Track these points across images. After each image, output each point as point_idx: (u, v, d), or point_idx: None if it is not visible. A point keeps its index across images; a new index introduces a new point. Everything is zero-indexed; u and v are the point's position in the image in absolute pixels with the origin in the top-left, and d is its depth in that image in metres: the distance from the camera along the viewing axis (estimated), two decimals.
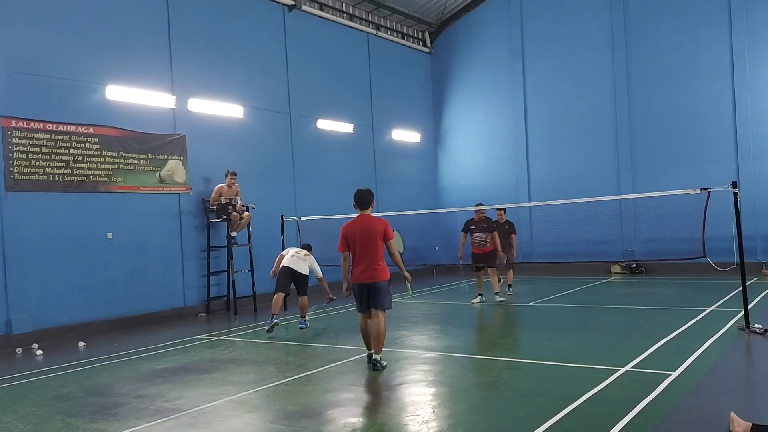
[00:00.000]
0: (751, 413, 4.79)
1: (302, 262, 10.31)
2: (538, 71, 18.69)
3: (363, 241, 7.07)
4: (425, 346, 8.44)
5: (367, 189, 7.41)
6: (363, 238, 7.08)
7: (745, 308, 8.41)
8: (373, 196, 7.39)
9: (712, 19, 16.09)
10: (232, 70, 14.09)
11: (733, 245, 8.64)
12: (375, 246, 7.07)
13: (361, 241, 7.08)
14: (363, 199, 7.29)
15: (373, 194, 7.40)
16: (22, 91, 10.39)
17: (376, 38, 18.52)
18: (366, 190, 7.36)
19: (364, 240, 7.07)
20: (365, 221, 7.20)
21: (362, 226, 7.16)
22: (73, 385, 7.18)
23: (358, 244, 7.11)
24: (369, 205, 7.29)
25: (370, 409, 5.86)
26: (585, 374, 6.46)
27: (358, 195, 7.34)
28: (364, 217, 7.25)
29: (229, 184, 12.72)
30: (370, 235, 7.06)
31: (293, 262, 10.25)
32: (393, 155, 19.05)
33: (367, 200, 7.29)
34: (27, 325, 10.15)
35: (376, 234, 7.07)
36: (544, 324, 10.08)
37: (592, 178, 17.44)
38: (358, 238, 7.10)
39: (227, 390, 6.55)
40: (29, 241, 10.35)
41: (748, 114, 15.66)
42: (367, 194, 7.32)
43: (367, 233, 7.08)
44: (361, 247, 7.09)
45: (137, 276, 11.90)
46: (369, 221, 7.18)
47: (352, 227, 7.21)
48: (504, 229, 13.40)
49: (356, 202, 7.33)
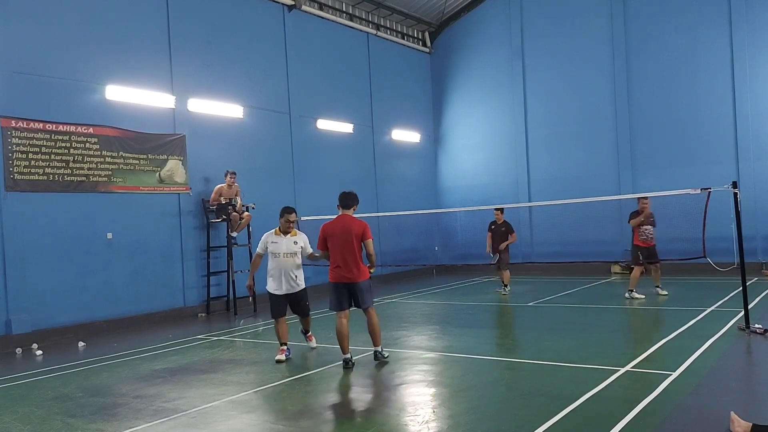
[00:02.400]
0: (751, 413, 4.79)
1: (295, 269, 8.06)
2: (538, 71, 18.69)
3: (342, 241, 7.23)
4: (425, 346, 8.44)
5: (351, 192, 7.60)
6: (342, 238, 7.24)
7: (745, 308, 8.40)
8: (358, 200, 7.58)
9: (712, 19, 16.09)
10: (231, 70, 14.09)
11: (733, 245, 8.61)
12: (352, 246, 7.21)
13: (341, 241, 7.23)
14: (346, 200, 7.49)
15: (357, 198, 7.60)
16: (22, 91, 10.39)
17: (376, 38, 18.52)
18: (350, 193, 7.56)
19: (344, 240, 7.23)
20: (346, 221, 7.36)
21: (342, 226, 7.31)
22: (73, 386, 7.18)
23: (337, 243, 7.26)
24: (351, 207, 7.48)
25: (369, 409, 5.86)
26: (585, 374, 6.46)
27: (342, 196, 7.56)
28: (344, 217, 7.42)
29: (229, 184, 12.72)
30: (349, 235, 7.22)
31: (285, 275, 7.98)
32: (393, 155, 19.04)
33: (350, 201, 7.48)
34: (26, 325, 10.14)
35: (354, 234, 7.22)
36: (544, 324, 10.07)
37: (592, 178, 17.43)
38: (338, 237, 7.26)
39: (227, 390, 6.55)
40: (29, 242, 10.35)
41: (748, 114, 15.66)
42: (350, 196, 7.53)
43: (347, 233, 7.24)
44: (340, 246, 7.24)
45: (137, 276, 11.90)
46: (349, 222, 7.34)
47: (332, 227, 7.38)
48: (501, 230, 13.55)
49: (340, 202, 7.54)
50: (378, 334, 7.45)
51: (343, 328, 7.28)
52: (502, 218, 13.66)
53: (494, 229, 13.70)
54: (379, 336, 7.47)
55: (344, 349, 7.31)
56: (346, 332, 7.30)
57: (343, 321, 7.31)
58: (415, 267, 18.43)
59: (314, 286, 15.17)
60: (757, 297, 11.07)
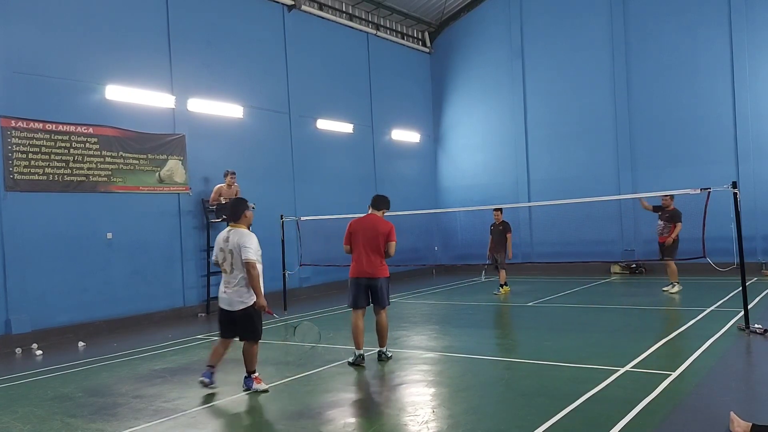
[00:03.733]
0: (751, 413, 4.79)
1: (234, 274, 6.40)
2: (538, 71, 18.69)
3: (366, 237, 7.42)
4: (425, 346, 8.44)
5: (385, 195, 7.86)
6: (366, 234, 7.43)
7: (745, 308, 8.40)
8: (389, 205, 7.80)
9: (712, 19, 16.09)
10: (231, 70, 14.09)
11: (733, 245, 8.61)
12: (377, 244, 7.40)
13: (364, 237, 7.42)
14: (378, 202, 7.75)
15: (389, 202, 7.81)
16: (22, 91, 10.38)
17: (376, 38, 18.51)
18: (384, 196, 7.84)
19: (368, 236, 7.42)
20: (372, 219, 7.58)
21: (369, 224, 7.54)
22: (73, 386, 7.18)
23: (360, 238, 7.44)
24: (381, 209, 7.71)
25: (369, 409, 5.86)
26: (585, 374, 6.46)
27: (375, 197, 7.84)
28: (372, 216, 7.64)
29: (229, 184, 12.72)
30: (374, 233, 7.42)
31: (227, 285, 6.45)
32: (393, 155, 19.04)
33: (381, 204, 7.74)
34: (26, 325, 10.14)
35: (380, 233, 7.42)
36: (544, 324, 10.07)
37: (592, 178, 17.43)
38: (362, 233, 7.45)
39: (227, 390, 6.55)
40: (29, 241, 10.34)
41: (748, 114, 15.66)
42: (383, 199, 7.79)
43: (372, 231, 7.44)
44: (363, 242, 7.42)
45: (137, 276, 11.89)
46: (376, 220, 7.56)
47: (359, 223, 7.60)
48: (499, 230, 13.60)
49: (372, 202, 7.78)
50: (385, 336, 7.63)
51: (359, 323, 7.49)
52: (501, 218, 13.74)
53: (492, 229, 13.78)
54: (386, 337, 7.65)
55: (358, 345, 7.45)
56: (362, 327, 7.49)
57: (359, 318, 7.51)
58: (414, 267, 18.42)
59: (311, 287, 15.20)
60: (756, 297, 11.08)
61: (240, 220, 6.54)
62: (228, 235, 6.44)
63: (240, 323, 6.42)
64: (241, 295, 6.34)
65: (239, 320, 6.39)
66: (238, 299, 6.34)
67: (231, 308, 6.38)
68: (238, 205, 6.66)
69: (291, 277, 13.14)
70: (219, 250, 6.51)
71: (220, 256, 6.50)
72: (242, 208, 6.57)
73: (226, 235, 6.46)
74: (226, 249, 6.40)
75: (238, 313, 6.35)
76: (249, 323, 6.40)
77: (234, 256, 6.34)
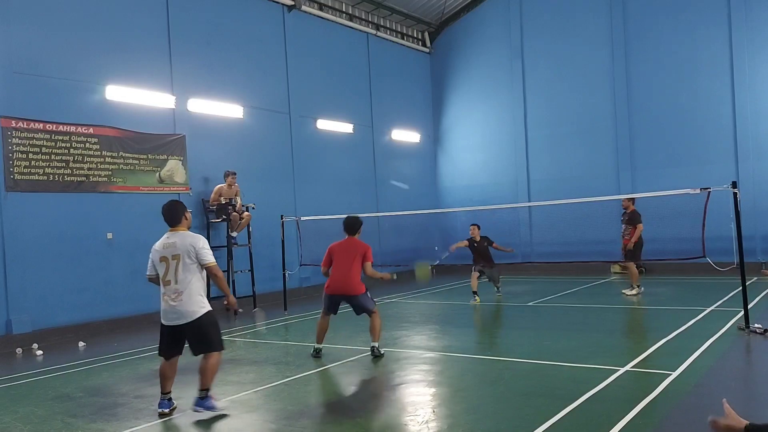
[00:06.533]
0: (750, 413, 4.79)
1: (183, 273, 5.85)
2: (538, 71, 18.69)
3: (344, 256, 7.82)
4: (425, 346, 8.45)
5: (355, 216, 8.20)
6: (344, 253, 7.85)
7: (744, 308, 8.41)
8: (361, 224, 8.13)
9: (712, 19, 16.09)
10: (231, 70, 14.09)
11: (733, 245, 8.61)
12: (353, 261, 7.77)
13: (342, 256, 7.83)
14: (350, 226, 8.09)
15: (361, 222, 8.14)
16: (22, 91, 10.38)
17: (376, 38, 18.51)
18: (354, 218, 8.15)
19: (345, 255, 7.82)
20: (352, 242, 8.01)
21: (349, 246, 7.96)
22: (73, 386, 7.19)
23: (338, 257, 7.85)
24: (355, 232, 8.06)
25: (370, 409, 5.86)
26: (585, 374, 6.47)
27: (346, 221, 8.15)
28: (351, 239, 8.05)
29: (229, 184, 12.72)
30: (352, 252, 7.83)
31: (171, 294, 5.79)
32: (393, 155, 19.04)
33: (354, 227, 8.08)
34: (27, 325, 10.15)
35: (358, 252, 7.82)
36: (544, 324, 10.08)
37: (591, 178, 17.43)
38: (342, 253, 7.87)
39: (227, 390, 6.55)
40: (29, 242, 10.35)
41: (747, 114, 15.66)
42: (354, 221, 8.11)
43: (351, 251, 7.86)
44: (340, 260, 7.81)
45: (137, 276, 11.86)
46: (355, 242, 7.99)
47: (338, 246, 8.01)
48: (484, 246, 12.79)
49: (344, 227, 8.12)
50: (378, 332, 7.89)
51: (324, 324, 7.97)
52: (478, 234, 12.78)
53: (476, 247, 12.76)
54: (378, 334, 7.89)
55: (318, 340, 7.99)
56: (326, 327, 7.98)
57: (326, 321, 7.99)
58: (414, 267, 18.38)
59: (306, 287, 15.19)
60: (756, 297, 11.08)
61: (181, 223, 6.08)
62: (172, 241, 5.90)
63: (198, 334, 5.71)
64: (196, 301, 5.72)
65: (198, 331, 5.69)
66: (193, 308, 5.68)
67: (185, 320, 5.66)
68: (176, 207, 6.14)
69: (291, 277, 13.14)
70: (159, 260, 5.84)
71: (160, 267, 5.81)
72: (181, 211, 6.12)
73: (169, 241, 5.90)
74: (170, 255, 5.80)
75: (195, 323, 5.67)
76: (211, 331, 5.79)
77: (182, 260, 5.76)
